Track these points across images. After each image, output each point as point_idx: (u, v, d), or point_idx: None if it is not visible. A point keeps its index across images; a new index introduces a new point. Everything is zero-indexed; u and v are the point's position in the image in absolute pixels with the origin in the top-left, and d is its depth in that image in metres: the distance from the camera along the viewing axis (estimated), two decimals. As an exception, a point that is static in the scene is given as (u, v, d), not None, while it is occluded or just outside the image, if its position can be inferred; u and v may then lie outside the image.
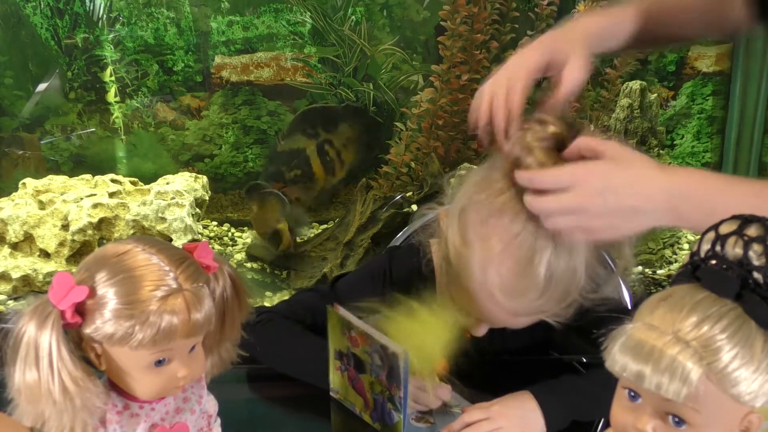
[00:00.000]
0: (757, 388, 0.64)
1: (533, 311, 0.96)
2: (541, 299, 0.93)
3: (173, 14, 2.56)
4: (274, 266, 2.41)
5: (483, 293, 0.94)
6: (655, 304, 0.68)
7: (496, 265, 0.92)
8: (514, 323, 1.01)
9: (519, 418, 0.98)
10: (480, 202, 0.93)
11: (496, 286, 0.93)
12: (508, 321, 0.99)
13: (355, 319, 1.00)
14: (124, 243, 0.77)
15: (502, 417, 0.98)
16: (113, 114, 2.63)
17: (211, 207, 2.60)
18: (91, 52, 2.56)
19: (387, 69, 2.60)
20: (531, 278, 0.91)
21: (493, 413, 0.99)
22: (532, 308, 0.95)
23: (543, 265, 0.90)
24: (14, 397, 0.74)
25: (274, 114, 2.66)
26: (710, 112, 2.76)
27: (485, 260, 0.92)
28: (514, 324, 1.01)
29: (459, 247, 0.95)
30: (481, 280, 0.93)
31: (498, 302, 0.94)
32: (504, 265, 0.91)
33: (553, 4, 2.37)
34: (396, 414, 0.97)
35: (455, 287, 0.99)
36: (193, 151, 2.67)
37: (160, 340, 0.73)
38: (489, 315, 0.98)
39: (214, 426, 0.89)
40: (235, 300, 0.83)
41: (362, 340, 0.98)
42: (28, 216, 2.18)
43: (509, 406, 1.00)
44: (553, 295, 0.93)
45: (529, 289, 0.92)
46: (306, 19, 2.57)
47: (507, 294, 0.93)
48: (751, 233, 0.66)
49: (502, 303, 0.94)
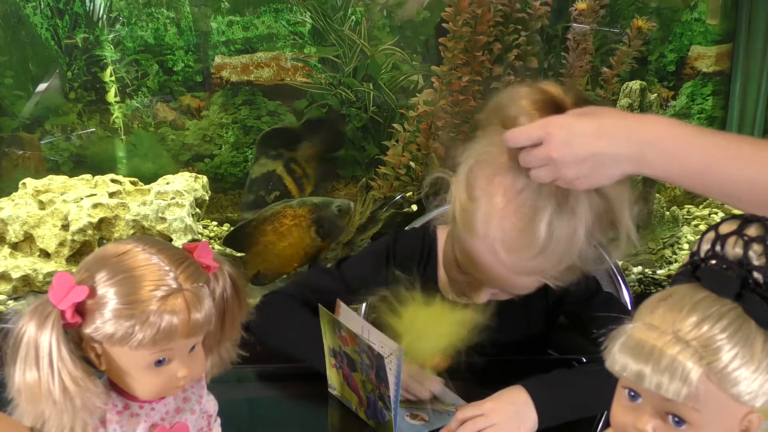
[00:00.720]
0: (757, 388, 0.64)
1: (533, 270, 0.98)
2: (540, 257, 0.95)
3: (173, 14, 2.56)
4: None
5: (485, 248, 0.97)
6: (655, 304, 0.68)
7: (499, 220, 0.95)
8: (514, 283, 1.02)
9: (512, 413, 0.99)
10: (486, 161, 0.97)
11: (498, 240, 0.95)
12: (508, 280, 1.01)
13: (347, 316, 1.00)
14: (124, 243, 0.77)
15: (496, 413, 0.99)
16: (113, 114, 2.63)
17: (211, 207, 2.59)
18: (91, 52, 2.56)
19: (387, 69, 2.60)
20: (532, 234, 0.93)
21: (486, 410, 0.99)
22: (532, 267, 0.97)
23: (544, 222, 0.92)
24: (14, 397, 0.74)
25: (274, 114, 2.66)
26: (710, 112, 2.76)
27: (489, 215, 0.96)
28: (514, 285, 1.02)
29: (465, 204, 0.99)
30: (484, 234, 0.96)
31: (499, 257, 0.96)
32: (507, 220, 0.94)
33: (546, 4, 2.36)
34: (387, 412, 0.98)
35: (459, 248, 1.02)
36: (193, 151, 2.67)
37: (160, 340, 0.73)
38: (490, 273, 1.00)
39: (214, 426, 0.89)
40: (235, 300, 0.83)
41: (351, 339, 0.98)
42: (28, 216, 2.18)
43: (502, 402, 1.00)
44: (553, 254, 0.95)
45: (529, 245, 0.94)
46: (306, 19, 2.57)
47: (508, 248, 0.95)
48: (751, 233, 0.66)
49: (503, 258, 0.96)
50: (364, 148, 2.68)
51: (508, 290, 1.05)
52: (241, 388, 1.16)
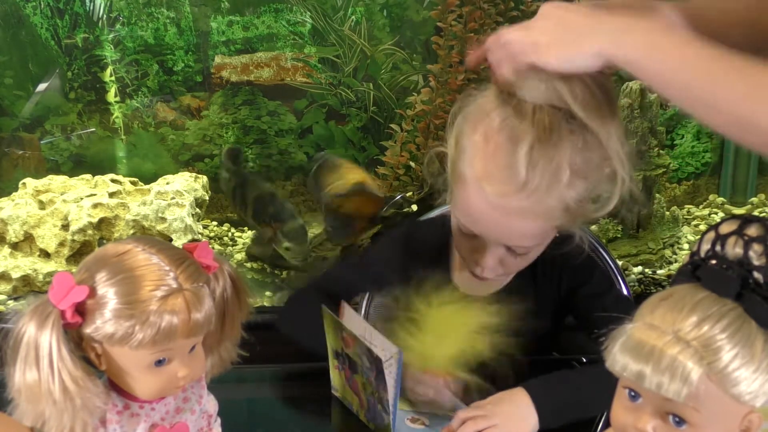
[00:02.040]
0: (757, 388, 0.64)
1: (523, 209, 0.96)
2: (525, 191, 0.94)
3: (173, 14, 2.56)
4: (274, 266, 2.41)
5: (474, 191, 0.97)
6: (655, 304, 0.68)
7: (481, 155, 0.96)
8: (510, 229, 1.00)
9: (513, 414, 1.00)
10: (472, 113, 0.99)
11: (481, 176, 0.96)
12: (502, 225, 0.99)
13: (350, 318, 1.00)
14: (124, 243, 0.77)
15: (497, 414, 1.00)
16: (113, 114, 2.63)
17: (211, 207, 2.59)
18: (91, 52, 2.56)
19: (387, 69, 2.60)
20: (512, 166, 0.93)
21: (487, 410, 1.00)
22: (521, 206, 0.95)
23: (523, 153, 0.92)
24: (14, 397, 0.74)
25: (274, 114, 2.66)
26: (710, 112, 2.75)
27: (473, 156, 0.97)
28: (510, 232, 1.01)
29: (453, 156, 1.01)
30: (470, 176, 0.97)
31: (487, 198, 0.96)
32: (487, 152, 0.95)
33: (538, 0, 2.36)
34: (386, 416, 0.98)
35: (456, 206, 1.04)
36: (193, 151, 2.67)
37: (160, 340, 0.73)
38: (485, 221, 0.99)
39: (214, 426, 0.89)
40: (235, 300, 0.83)
41: (352, 341, 0.98)
42: (28, 216, 2.18)
43: (503, 403, 1.01)
44: (538, 189, 0.94)
45: (511, 178, 0.93)
46: (306, 19, 2.57)
47: (492, 185, 0.95)
48: (751, 233, 0.66)
49: (490, 198, 0.96)
50: (364, 149, 2.68)
51: (507, 242, 1.03)
52: (241, 388, 1.16)
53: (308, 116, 2.66)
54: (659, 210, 2.43)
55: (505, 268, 1.08)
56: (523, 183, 0.93)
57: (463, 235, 1.06)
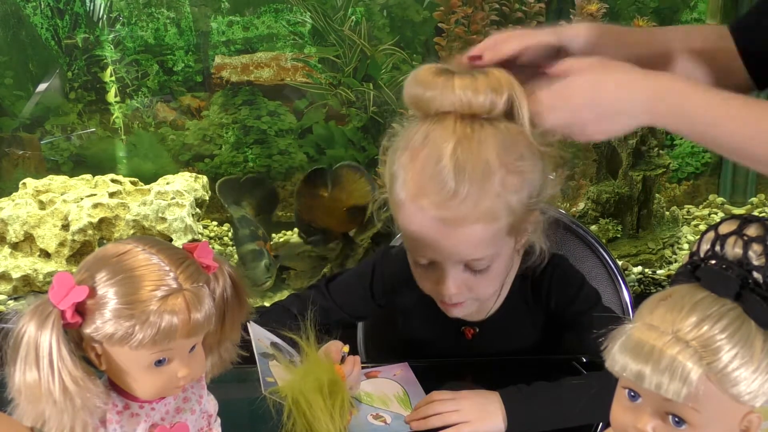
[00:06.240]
0: (756, 388, 0.64)
1: (464, 216, 0.95)
2: (460, 196, 0.93)
3: (173, 14, 2.56)
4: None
5: (414, 212, 0.97)
6: (655, 304, 0.68)
7: (411, 174, 0.97)
8: (459, 242, 0.98)
9: (480, 407, 1.00)
10: (397, 142, 1.01)
11: (415, 193, 0.96)
12: (447, 238, 0.98)
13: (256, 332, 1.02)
14: (124, 243, 0.77)
15: (465, 400, 1.01)
16: (113, 114, 2.63)
17: (211, 207, 2.60)
18: (91, 52, 2.56)
19: (387, 69, 2.60)
20: (441, 172, 0.93)
21: (457, 395, 1.02)
22: (460, 212, 0.95)
23: (447, 157, 0.93)
24: (14, 397, 0.74)
25: (274, 114, 2.66)
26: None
27: (404, 177, 0.98)
28: (459, 245, 0.99)
29: (389, 186, 1.02)
30: (405, 197, 0.97)
31: (425, 212, 0.96)
32: (415, 169, 0.96)
33: (541, 1, 2.36)
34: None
35: (403, 235, 1.04)
36: (193, 151, 2.67)
37: (160, 340, 0.73)
38: (428, 237, 0.98)
39: (214, 426, 0.89)
40: (235, 300, 0.83)
41: None
42: (29, 216, 2.18)
43: (475, 395, 1.02)
44: (471, 191, 0.93)
45: (443, 185, 0.93)
46: (306, 19, 2.57)
47: (427, 195, 0.95)
48: (750, 233, 0.66)
49: (427, 210, 0.95)
50: (364, 149, 2.68)
51: (461, 256, 1.00)
52: (241, 388, 1.16)
53: (308, 116, 2.66)
54: (659, 210, 2.43)
55: (472, 290, 1.04)
56: (455, 188, 0.93)
57: (421, 269, 1.05)
